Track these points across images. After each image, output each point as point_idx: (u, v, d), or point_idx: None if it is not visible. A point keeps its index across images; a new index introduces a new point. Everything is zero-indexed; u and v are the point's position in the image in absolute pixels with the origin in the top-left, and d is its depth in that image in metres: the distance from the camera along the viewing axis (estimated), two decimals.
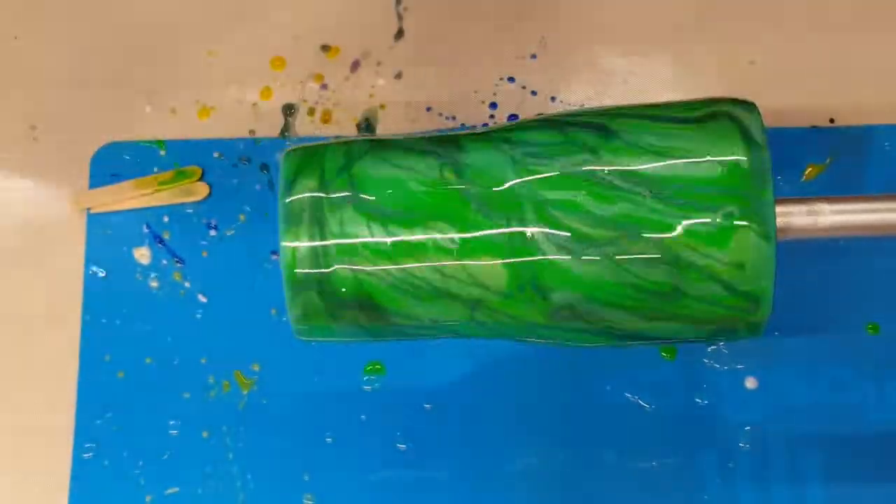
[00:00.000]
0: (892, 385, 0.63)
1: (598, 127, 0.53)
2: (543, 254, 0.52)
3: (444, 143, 0.54)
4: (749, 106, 0.54)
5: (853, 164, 0.66)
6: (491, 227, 0.53)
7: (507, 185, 0.53)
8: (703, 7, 0.70)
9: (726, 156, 0.52)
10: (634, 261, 0.52)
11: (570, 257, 0.52)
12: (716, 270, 0.52)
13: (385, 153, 0.54)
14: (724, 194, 0.52)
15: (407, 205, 0.53)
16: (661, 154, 0.52)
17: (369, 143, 0.55)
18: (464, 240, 0.53)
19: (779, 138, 0.59)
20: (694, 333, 0.54)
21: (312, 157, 0.55)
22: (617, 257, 0.52)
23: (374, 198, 0.53)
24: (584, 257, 0.52)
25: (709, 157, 0.52)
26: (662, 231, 0.52)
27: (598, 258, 0.52)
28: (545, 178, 0.52)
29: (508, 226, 0.53)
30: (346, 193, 0.53)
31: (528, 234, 0.52)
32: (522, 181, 0.53)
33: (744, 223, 0.51)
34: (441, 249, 0.53)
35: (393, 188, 0.53)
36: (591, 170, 0.52)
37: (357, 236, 0.53)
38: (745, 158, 0.52)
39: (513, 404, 0.64)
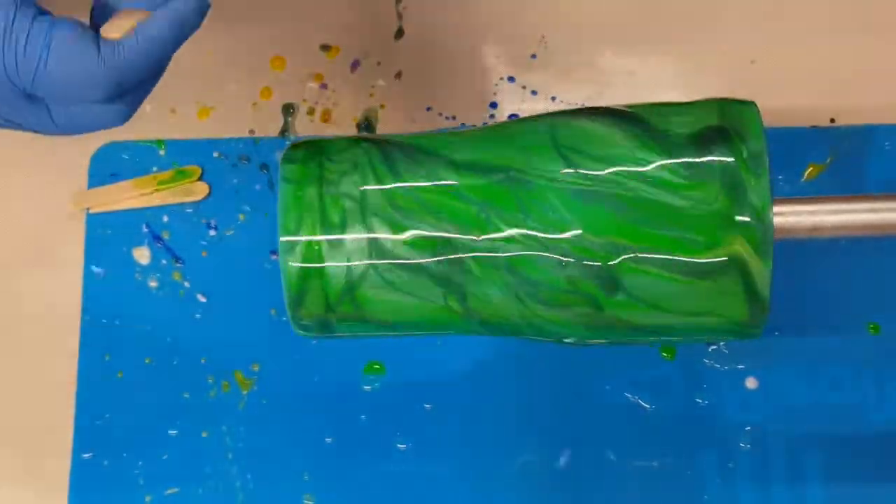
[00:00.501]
0: (892, 385, 0.63)
1: (600, 275, 0.52)
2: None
3: (451, 266, 0.54)
4: (749, 102, 0.54)
5: (854, 164, 0.66)
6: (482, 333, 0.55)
7: (510, 321, 0.54)
8: (703, 7, 0.70)
9: (729, 315, 0.53)
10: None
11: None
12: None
13: (390, 280, 0.54)
14: (723, 333, 0.54)
15: (412, 324, 0.54)
16: (662, 310, 0.53)
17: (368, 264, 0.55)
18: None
19: (779, 138, 0.59)
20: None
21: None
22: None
23: (379, 319, 0.54)
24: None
25: (711, 315, 0.53)
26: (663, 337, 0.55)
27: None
28: (546, 318, 0.53)
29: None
30: (352, 318, 0.54)
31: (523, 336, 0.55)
32: (527, 322, 0.53)
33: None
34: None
35: (398, 314, 0.54)
36: (592, 319, 0.53)
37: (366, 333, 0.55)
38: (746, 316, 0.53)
39: (513, 404, 0.64)
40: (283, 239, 0.53)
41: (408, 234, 0.53)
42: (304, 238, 0.53)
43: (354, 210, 0.53)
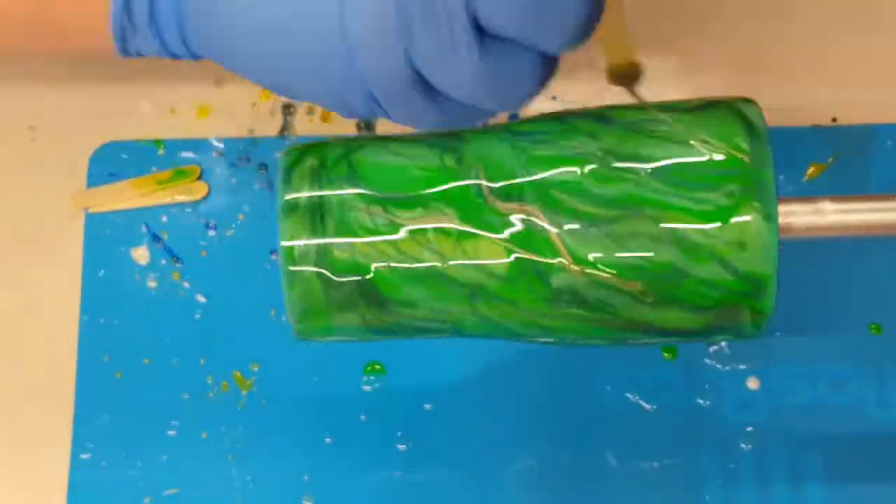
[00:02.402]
0: (894, 385, 0.63)
1: (598, 116, 0.54)
2: (545, 236, 0.52)
3: (445, 136, 0.54)
4: (749, 100, 0.54)
5: (856, 164, 0.66)
6: (491, 212, 0.53)
7: (507, 169, 0.53)
8: (703, 7, 0.70)
9: (726, 138, 0.52)
10: (636, 240, 0.52)
11: (571, 238, 0.52)
12: (717, 250, 0.52)
13: (385, 143, 0.54)
14: (724, 175, 0.52)
15: (406, 189, 0.53)
16: (660, 138, 0.52)
17: (370, 138, 0.55)
18: (464, 223, 0.53)
19: (781, 137, 0.59)
20: (696, 323, 0.53)
21: (312, 148, 0.55)
22: (619, 236, 0.52)
23: (373, 182, 0.53)
24: (585, 237, 0.52)
25: (709, 140, 0.52)
26: (664, 209, 0.52)
27: (599, 237, 0.52)
28: (546, 159, 0.52)
29: (509, 208, 0.52)
30: (345, 177, 0.53)
31: (529, 216, 0.52)
32: (523, 164, 0.53)
33: (745, 202, 0.52)
34: (441, 232, 0.53)
35: (392, 173, 0.53)
36: (591, 151, 0.52)
37: (356, 220, 0.53)
38: (744, 142, 0.52)
39: (513, 404, 0.64)
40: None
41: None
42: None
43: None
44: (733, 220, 0.51)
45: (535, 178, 0.52)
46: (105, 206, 0.68)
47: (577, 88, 0.69)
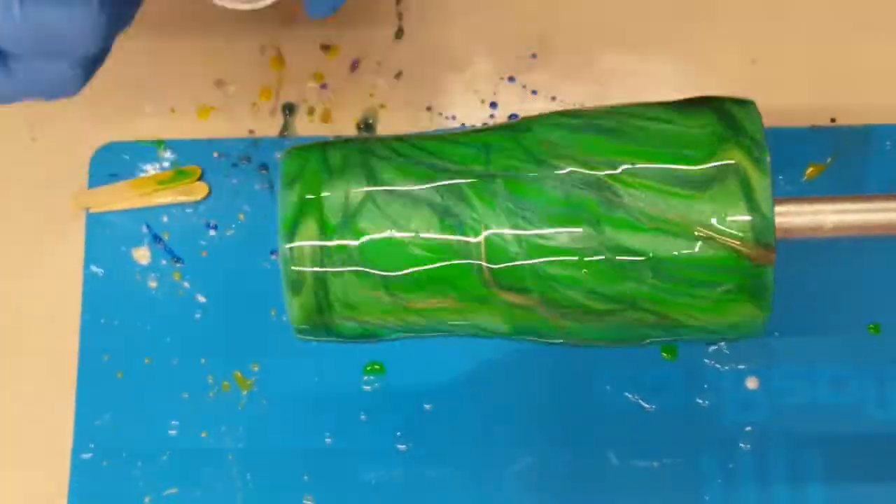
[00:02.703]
0: (893, 385, 0.63)
1: (599, 187, 0.53)
2: (545, 320, 0.54)
3: (447, 190, 0.54)
4: (746, 101, 0.54)
5: (854, 164, 0.66)
6: (492, 296, 0.53)
7: (508, 253, 0.53)
8: (703, 7, 0.70)
9: (728, 235, 0.52)
10: (631, 327, 0.54)
11: (570, 322, 0.53)
12: (711, 328, 0.54)
13: (386, 205, 0.54)
14: (723, 273, 0.52)
15: (408, 266, 0.53)
16: (661, 230, 0.52)
17: (366, 168, 0.55)
18: (464, 302, 0.54)
19: (779, 138, 0.59)
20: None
21: (311, 204, 0.54)
22: (615, 325, 0.53)
23: (374, 261, 0.53)
24: (584, 323, 0.53)
25: (710, 236, 0.52)
26: (663, 306, 0.53)
27: (597, 324, 0.54)
28: (547, 249, 0.52)
29: (511, 299, 0.53)
30: (346, 257, 0.53)
31: (531, 304, 0.53)
32: (524, 251, 0.53)
33: (741, 299, 0.52)
34: (445, 310, 0.54)
35: (393, 252, 0.53)
36: (594, 247, 0.52)
37: (361, 298, 0.54)
38: (748, 238, 0.52)
39: (513, 404, 0.64)
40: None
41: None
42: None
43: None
44: (728, 313, 0.53)
45: (537, 269, 0.53)
46: (106, 207, 0.68)
47: (577, 88, 0.69)
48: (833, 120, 0.67)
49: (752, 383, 0.64)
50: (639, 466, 0.63)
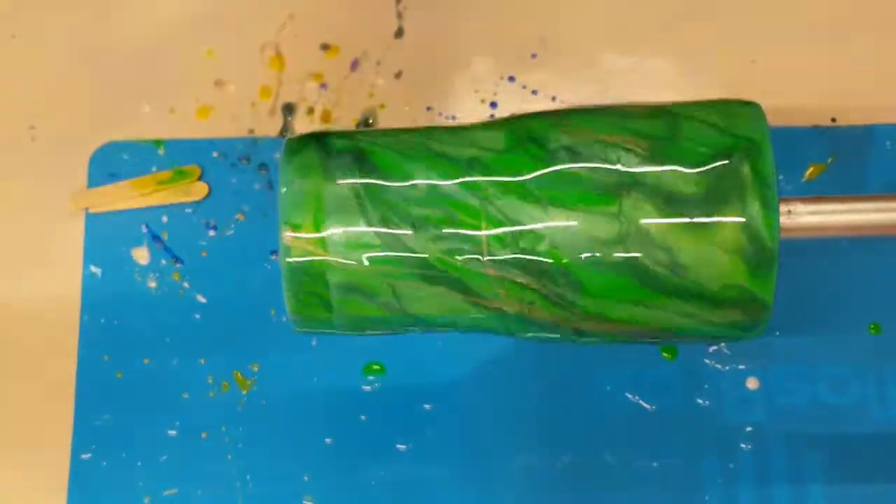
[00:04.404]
0: (893, 385, 0.63)
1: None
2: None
3: (449, 187, 0.54)
4: (750, 103, 0.54)
5: (855, 164, 0.66)
6: (494, 284, 0.54)
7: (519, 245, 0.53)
8: (703, 7, 0.70)
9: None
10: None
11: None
12: (711, 326, 0.54)
13: (386, 199, 0.54)
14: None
15: (409, 265, 0.54)
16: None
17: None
18: (467, 297, 0.54)
19: (780, 138, 0.59)
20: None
21: (311, 195, 0.55)
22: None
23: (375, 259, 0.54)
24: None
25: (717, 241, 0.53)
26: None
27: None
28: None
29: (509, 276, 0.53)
30: (346, 254, 0.54)
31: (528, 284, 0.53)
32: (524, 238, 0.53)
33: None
34: (443, 305, 0.54)
35: (393, 249, 0.54)
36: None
37: (360, 291, 0.54)
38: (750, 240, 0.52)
39: (513, 404, 0.64)
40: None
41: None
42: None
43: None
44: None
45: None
46: (105, 207, 0.68)
47: (578, 88, 0.69)
48: (833, 120, 0.67)
49: (752, 383, 0.64)
50: (639, 466, 0.63)
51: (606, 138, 0.53)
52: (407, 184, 0.53)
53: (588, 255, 0.52)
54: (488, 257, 0.53)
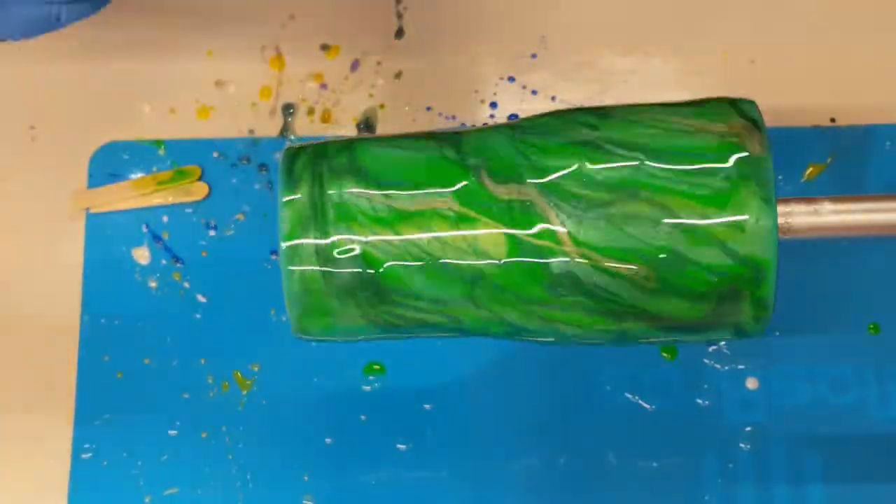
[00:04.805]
0: (893, 385, 0.63)
1: (597, 110, 0.54)
2: (544, 220, 0.53)
3: (445, 133, 0.55)
4: (747, 100, 0.54)
5: (854, 164, 0.66)
6: (490, 197, 0.53)
7: (505, 158, 0.53)
8: (703, 7, 0.70)
9: (723, 123, 0.52)
10: (634, 223, 0.52)
11: (570, 221, 0.52)
12: (716, 232, 0.52)
13: (385, 139, 0.55)
14: (722, 159, 0.52)
15: (405, 176, 0.53)
16: (657, 126, 0.53)
17: (371, 137, 0.56)
18: (463, 207, 0.53)
19: (779, 138, 0.59)
20: (697, 312, 0.53)
21: (313, 145, 0.55)
22: (617, 219, 0.52)
23: (373, 170, 0.53)
24: (584, 221, 0.52)
25: (706, 126, 0.52)
26: (662, 193, 0.52)
27: (598, 221, 0.52)
28: (545, 146, 0.53)
29: (508, 193, 0.53)
30: (345, 166, 0.53)
31: (528, 199, 0.52)
32: (521, 153, 0.53)
33: (742, 185, 0.52)
34: (440, 216, 0.53)
35: (392, 163, 0.54)
36: (590, 140, 0.52)
37: (356, 206, 0.53)
38: (742, 128, 0.52)
39: (513, 404, 0.64)
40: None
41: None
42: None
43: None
44: (731, 203, 0.52)
45: (534, 164, 0.53)
46: (106, 207, 0.68)
47: (577, 88, 0.69)
48: (833, 120, 0.67)
49: (752, 383, 0.64)
50: (639, 466, 0.63)
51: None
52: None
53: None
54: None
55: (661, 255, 0.52)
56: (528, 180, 0.53)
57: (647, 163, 0.52)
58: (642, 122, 0.53)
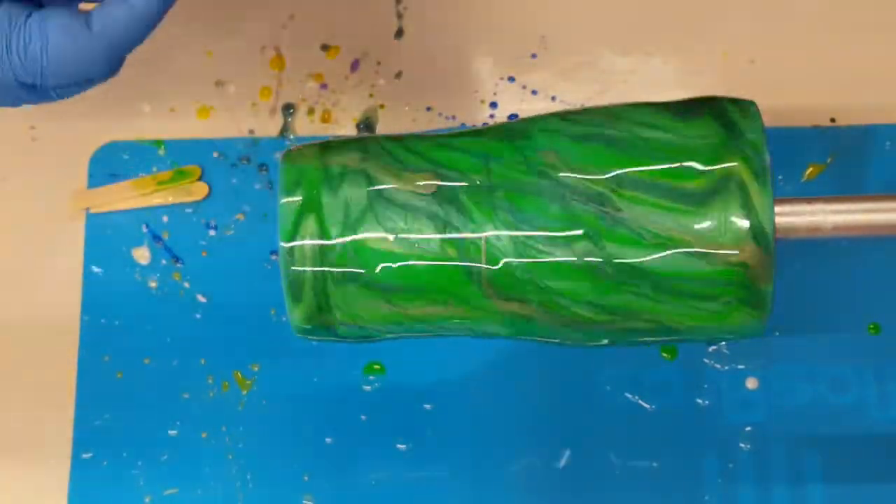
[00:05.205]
0: (893, 385, 0.63)
1: (600, 201, 0.52)
2: (544, 326, 0.54)
3: (445, 204, 0.54)
4: (747, 101, 0.54)
5: (854, 164, 0.66)
6: (494, 310, 0.54)
7: (508, 267, 0.53)
8: (703, 7, 0.70)
9: (728, 249, 0.52)
10: (632, 333, 0.54)
11: (570, 329, 0.54)
12: (712, 333, 0.54)
13: (385, 213, 0.53)
14: (723, 286, 0.52)
15: (409, 283, 0.53)
16: (662, 246, 0.52)
17: (366, 175, 0.55)
18: (465, 310, 0.54)
19: (779, 138, 0.59)
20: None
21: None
22: (615, 332, 0.54)
23: (375, 273, 0.53)
24: (583, 330, 0.54)
25: (711, 251, 0.52)
26: (663, 316, 0.53)
27: (597, 332, 0.54)
28: (547, 264, 0.52)
29: (510, 307, 0.53)
30: (347, 265, 0.53)
31: (530, 314, 0.53)
32: (525, 267, 0.53)
33: (741, 309, 0.53)
34: (443, 317, 0.54)
35: (393, 263, 0.53)
36: (593, 262, 0.52)
37: (362, 306, 0.54)
38: (747, 251, 0.52)
39: (513, 405, 0.64)
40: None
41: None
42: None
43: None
44: (728, 322, 0.53)
45: (536, 282, 0.53)
46: (106, 207, 0.68)
47: (578, 88, 0.69)
48: (833, 120, 0.67)
49: (752, 383, 0.64)
50: (639, 466, 0.63)
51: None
52: (405, 202, 0.53)
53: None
54: (486, 275, 0.53)
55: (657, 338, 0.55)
56: (532, 296, 0.53)
57: (649, 289, 0.53)
58: (646, 239, 0.52)
